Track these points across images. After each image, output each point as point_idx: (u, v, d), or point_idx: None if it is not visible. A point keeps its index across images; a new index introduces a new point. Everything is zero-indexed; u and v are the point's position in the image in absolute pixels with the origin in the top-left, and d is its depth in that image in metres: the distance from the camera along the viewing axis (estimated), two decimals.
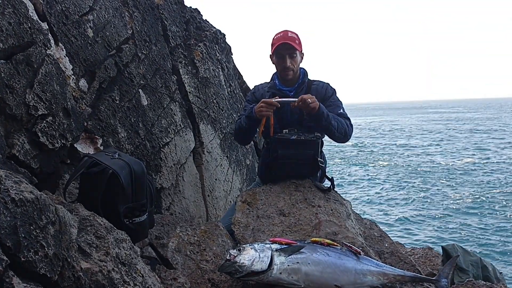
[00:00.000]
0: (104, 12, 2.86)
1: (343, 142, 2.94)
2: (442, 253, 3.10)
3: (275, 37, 2.91)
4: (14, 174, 1.30)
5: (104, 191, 1.96)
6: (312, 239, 2.17)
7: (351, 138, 2.94)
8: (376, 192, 16.20)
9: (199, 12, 4.60)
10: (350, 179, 18.84)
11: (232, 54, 5.27)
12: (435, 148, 28.60)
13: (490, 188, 15.81)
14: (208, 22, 4.74)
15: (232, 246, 2.42)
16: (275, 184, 2.92)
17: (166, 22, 3.75)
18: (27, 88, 2.06)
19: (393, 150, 28.83)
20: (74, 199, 2.10)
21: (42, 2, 2.29)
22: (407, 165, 22.09)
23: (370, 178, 18.93)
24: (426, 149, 28.53)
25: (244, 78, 5.53)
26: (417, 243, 9.48)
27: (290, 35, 2.86)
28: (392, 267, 2.23)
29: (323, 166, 2.98)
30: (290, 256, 1.98)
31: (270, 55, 2.99)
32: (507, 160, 22.29)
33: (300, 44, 2.90)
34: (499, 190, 15.45)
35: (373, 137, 39.12)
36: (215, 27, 4.74)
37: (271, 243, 2.07)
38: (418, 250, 3.45)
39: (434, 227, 11.41)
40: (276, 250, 2.00)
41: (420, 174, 19.48)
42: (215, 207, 4.10)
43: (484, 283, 2.37)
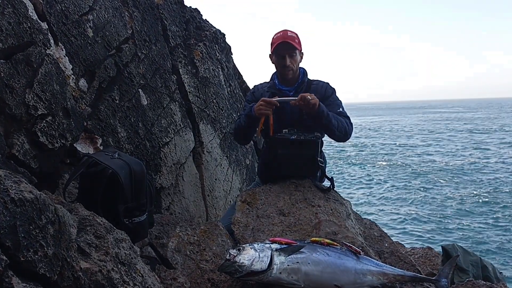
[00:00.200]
0: (104, 12, 2.86)
1: (343, 141, 2.94)
2: (442, 253, 3.10)
3: (274, 36, 2.91)
4: (13, 174, 1.30)
5: (104, 191, 1.96)
6: (312, 239, 2.16)
7: (351, 137, 2.94)
8: (376, 192, 16.19)
9: (199, 12, 4.60)
10: (350, 179, 18.83)
11: (232, 54, 5.27)
12: (435, 148, 28.60)
13: (490, 188, 15.80)
14: (208, 22, 4.74)
15: (232, 246, 2.41)
16: (275, 184, 2.92)
17: (166, 22, 3.75)
18: (26, 88, 2.06)
19: (393, 150, 28.82)
20: (73, 199, 2.10)
21: (41, 1, 2.29)
22: (407, 165, 22.08)
23: (370, 178, 18.91)
24: (426, 149, 28.53)
25: (244, 78, 5.53)
26: (417, 243, 9.48)
27: (289, 35, 2.86)
28: (392, 267, 2.23)
29: (323, 166, 2.98)
30: (290, 256, 1.97)
31: (270, 55, 2.99)
32: (507, 160, 22.30)
33: (299, 44, 2.90)
34: (499, 189, 15.45)
35: (373, 137, 39.11)
36: (215, 27, 4.74)
37: (271, 243, 2.07)
38: (418, 250, 3.45)
39: (434, 227, 11.41)
40: (276, 250, 2.00)
41: (420, 174, 19.47)
42: (215, 207, 4.10)
43: (484, 283, 2.37)
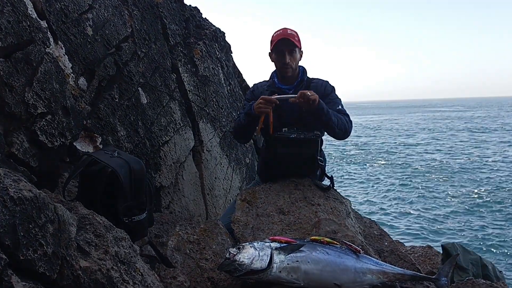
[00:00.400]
0: (104, 11, 2.85)
1: (343, 139, 2.93)
2: (442, 251, 3.09)
3: (274, 34, 2.91)
4: (13, 173, 1.30)
5: (103, 189, 1.96)
6: (312, 237, 2.17)
7: (350, 135, 2.93)
8: (375, 190, 16.19)
9: (198, 10, 4.60)
10: (350, 178, 18.83)
11: (231, 53, 5.26)
12: (434, 147, 28.60)
13: (490, 187, 15.80)
14: (207, 20, 4.73)
15: (232, 245, 2.41)
16: (275, 183, 2.92)
17: (165, 21, 3.74)
18: (26, 87, 2.06)
19: (392, 148, 28.82)
20: (73, 198, 2.10)
21: (41, 0, 2.28)
22: (407, 163, 22.08)
23: (370, 177, 18.91)
24: (426, 147, 28.53)
25: (244, 77, 5.52)
26: (417, 241, 9.48)
27: (289, 32, 2.86)
28: (392, 266, 2.23)
29: (323, 164, 2.98)
30: (289, 255, 1.98)
31: (269, 53, 2.99)
32: (507, 158, 22.30)
33: (299, 42, 2.90)
34: (499, 188, 15.45)
35: (373, 135, 39.10)
36: (214, 26, 4.74)
37: (271, 242, 2.07)
38: (418, 248, 3.45)
39: (434, 226, 11.42)
40: (276, 249, 2.00)
41: (420, 172, 19.47)
42: (215, 205, 4.10)
43: (484, 281, 2.37)
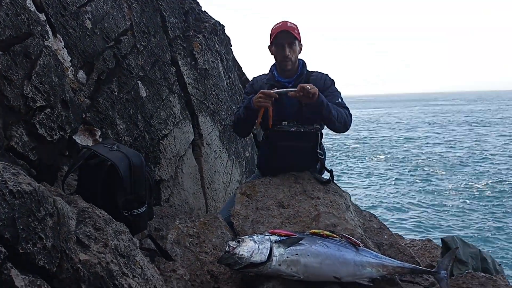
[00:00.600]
0: (103, 3, 2.83)
1: (343, 132, 2.92)
2: (441, 245, 3.10)
3: (274, 27, 2.89)
4: (12, 166, 1.29)
5: (103, 183, 1.96)
6: (311, 230, 2.17)
7: (350, 128, 2.93)
8: (375, 184, 16.22)
9: (198, 3, 4.58)
10: (350, 171, 18.85)
11: (231, 46, 5.24)
12: (434, 140, 28.59)
13: (490, 180, 15.82)
14: (207, 13, 4.71)
15: (231, 238, 2.42)
16: (275, 176, 2.92)
17: (165, 14, 3.72)
18: (25, 80, 2.05)
19: (392, 142, 28.81)
20: (72, 191, 2.10)
21: None
22: (407, 157, 22.09)
23: (370, 170, 18.93)
24: (425, 141, 28.52)
25: (243, 70, 5.51)
26: (416, 235, 9.51)
27: (289, 25, 2.85)
28: (391, 259, 2.24)
29: (323, 158, 2.98)
30: (289, 248, 1.98)
31: (269, 46, 2.97)
32: (507, 152, 22.31)
33: (299, 34, 2.88)
34: (499, 182, 15.47)
35: (372, 129, 39.07)
36: (214, 19, 4.71)
37: (270, 235, 2.08)
38: (417, 241, 3.46)
39: (433, 219, 11.44)
40: (275, 242, 2.01)
41: (420, 166, 19.47)
42: (214, 199, 4.11)
43: (483, 275, 2.38)
